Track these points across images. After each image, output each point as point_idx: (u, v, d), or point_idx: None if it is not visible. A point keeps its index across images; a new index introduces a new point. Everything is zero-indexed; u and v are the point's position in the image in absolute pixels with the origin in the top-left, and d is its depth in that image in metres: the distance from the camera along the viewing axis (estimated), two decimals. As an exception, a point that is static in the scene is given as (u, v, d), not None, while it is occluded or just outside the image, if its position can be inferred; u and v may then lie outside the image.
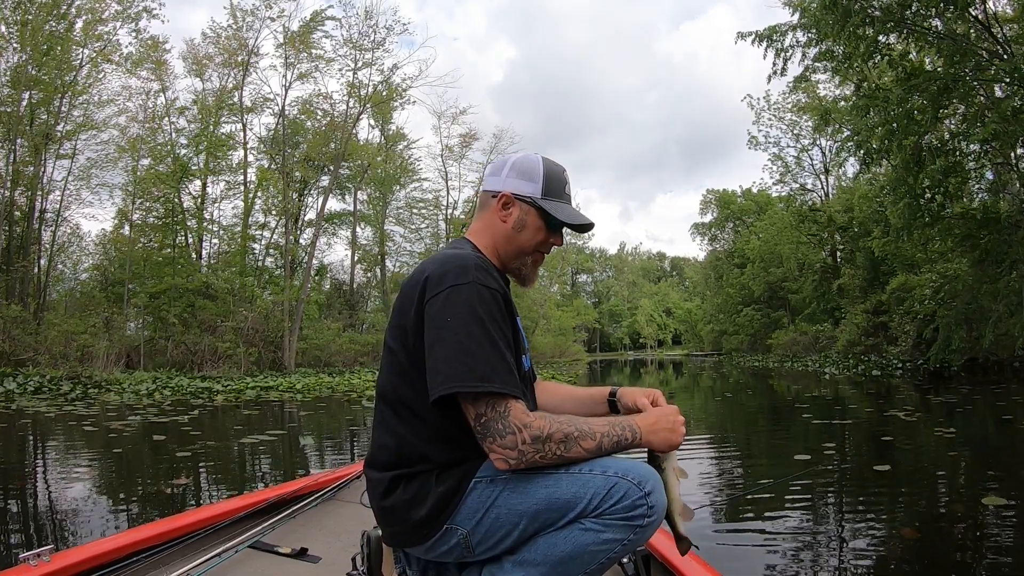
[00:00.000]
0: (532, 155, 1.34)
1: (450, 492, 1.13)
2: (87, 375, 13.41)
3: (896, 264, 21.48)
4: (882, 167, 19.25)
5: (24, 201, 19.80)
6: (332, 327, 23.91)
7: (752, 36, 14.03)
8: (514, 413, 1.08)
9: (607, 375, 24.25)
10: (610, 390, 1.41)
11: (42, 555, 1.51)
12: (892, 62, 12.76)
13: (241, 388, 13.18)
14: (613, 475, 1.10)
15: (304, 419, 8.51)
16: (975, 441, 5.76)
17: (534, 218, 1.31)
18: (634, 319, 75.65)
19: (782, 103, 32.77)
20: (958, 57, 11.93)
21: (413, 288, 1.18)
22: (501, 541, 1.13)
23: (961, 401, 9.08)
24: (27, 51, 18.85)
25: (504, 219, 1.32)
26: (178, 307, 19.13)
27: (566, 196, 1.35)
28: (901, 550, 2.75)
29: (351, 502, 2.26)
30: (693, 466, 4.64)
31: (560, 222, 1.32)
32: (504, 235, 1.32)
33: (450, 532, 1.14)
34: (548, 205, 1.31)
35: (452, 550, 1.15)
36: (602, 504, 1.08)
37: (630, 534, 1.09)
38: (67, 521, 3.23)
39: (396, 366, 1.19)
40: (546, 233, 1.33)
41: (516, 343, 1.20)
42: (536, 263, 1.37)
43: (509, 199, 1.31)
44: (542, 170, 1.32)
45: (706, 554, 1.77)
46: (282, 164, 23.34)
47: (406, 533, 1.17)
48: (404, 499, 1.15)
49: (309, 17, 23.01)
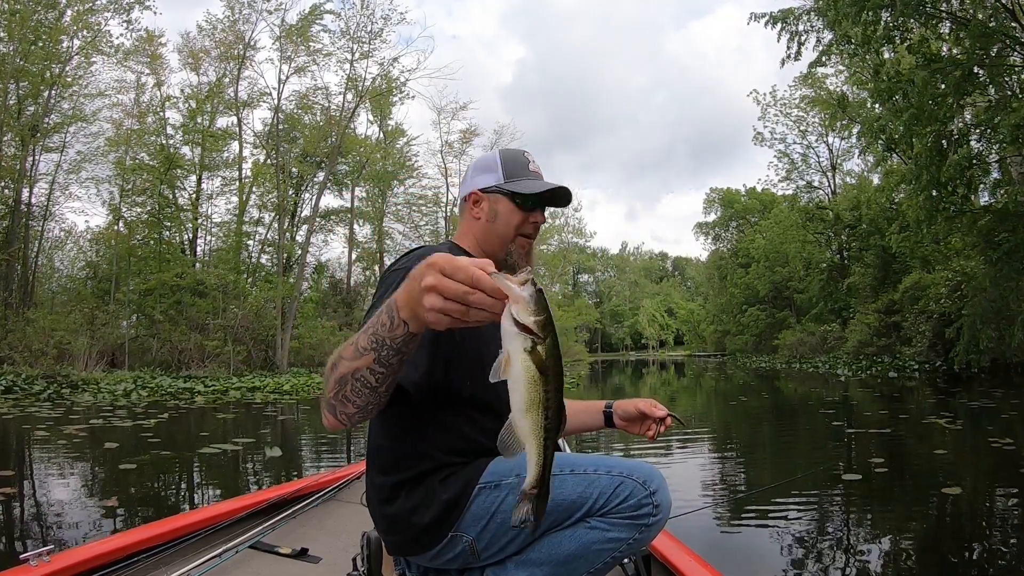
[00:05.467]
0: (489, 153, 1.37)
1: (454, 499, 1.11)
2: (64, 374, 12.76)
3: (912, 261, 20.79)
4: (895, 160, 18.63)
5: (10, 194, 19.24)
6: (326, 325, 23.25)
7: (766, 18, 13.39)
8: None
9: (609, 376, 23.63)
10: (605, 404, 1.44)
11: (42, 555, 1.49)
12: (912, 47, 12.20)
13: (224, 389, 12.50)
14: (618, 474, 1.10)
15: (282, 424, 7.85)
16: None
17: (505, 203, 1.30)
18: (636, 319, 75.07)
19: (788, 99, 32.21)
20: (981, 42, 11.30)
21: None
22: (507, 546, 1.12)
23: (1003, 406, 8.32)
24: (15, 41, 18.31)
25: (477, 216, 1.32)
26: (164, 304, 18.49)
27: (531, 173, 1.32)
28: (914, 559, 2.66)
29: (351, 502, 2.24)
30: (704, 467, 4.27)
31: (529, 196, 1.29)
32: (483, 230, 1.31)
33: (455, 540, 1.12)
34: (511, 185, 1.30)
35: (457, 557, 1.14)
36: (608, 503, 1.08)
37: (635, 533, 1.09)
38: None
39: None
40: (521, 214, 1.30)
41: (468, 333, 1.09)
42: (523, 248, 1.33)
43: (478, 195, 1.32)
44: (499, 159, 1.32)
45: (707, 554, 1.74)
46: (277, 159, 22.72)
47: (409, 542, 1.14)
48: (407, 507, 1.12)
49: (308, 11, 22.42)
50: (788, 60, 13.33)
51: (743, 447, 6.20)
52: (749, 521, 3.28)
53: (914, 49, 12.23)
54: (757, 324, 38.23)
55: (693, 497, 3.64)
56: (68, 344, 14.32)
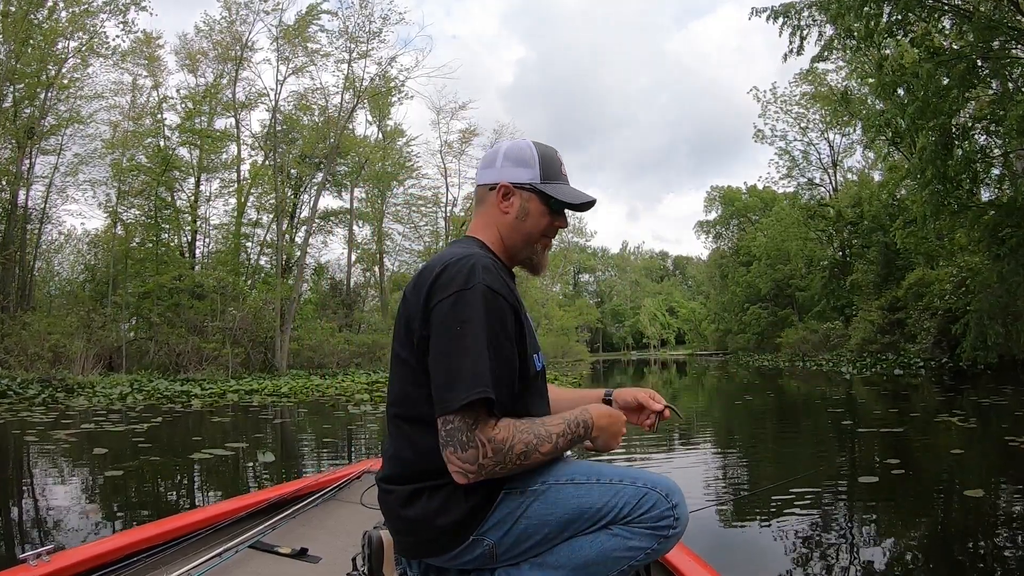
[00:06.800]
0: (523, 141, 1.32)
1: (479, 504, 1.11)
2: (59, 378, 12.61)
3: (916, 258, 20.61)
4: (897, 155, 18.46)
5: (6, 197, 19.10)
6: (325, 327, 23.07)
7: (768, 12, 13.22)
8: (481, 427, 1.05)
9: (610, 376, 23.48)
10: (604, 392, 1.44)
11: (42, 555, 1.49)
12: (915, 41, 12.05)
13: (222, 391, 12.34)
14: (643, 486, 1.12)
15: (280, 428, 7.69)
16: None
17: (536, 204, 1.28)
18: (637, 319, 74.83)
19: (789, 96, 32.06)
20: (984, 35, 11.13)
21: (418, 293, 1.14)
22: (528, 550, 1.13)
23: (1014, 403, 8.11)
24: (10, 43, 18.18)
25: (506, 210, 1.29)
26: (162, 306, 18.33)
27: (563, 176, 1.32)
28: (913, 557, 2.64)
29: (352, 502, 2.22)
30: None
31: (563, 203, 1.29)
32: (509, 226, 1.28)
33: (476, 544, 1.12)
34: (549, 188, 1.28)
35: (475, 560, 1.13)
36: (632, 512, 1.10)
37: (654, 543, 1.11)
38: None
39: (409, 377, 1.15)
40: (550, 217, 1.30)
41: (524, 342, 1.17)
42: (545, 248, 1.33)
43: (509, 189, 1.28)
44: (536, 154, 1.29)
45: (707, 554, 1.72)
46: (275, 160, 22.57)
47: (426, 543, 1.13)
48: (430, 509, 1.11)
49: (305, 11, 22.27)
50: (791, 55, 13.19)
51: (749, 447, 6.08)
52: (752, 522, 3.21)
53: (917, 42, 12.08)
54: (759, 322, 38.07)
55: (696, 497, 3.56)
56: (64, 347, 14.17)
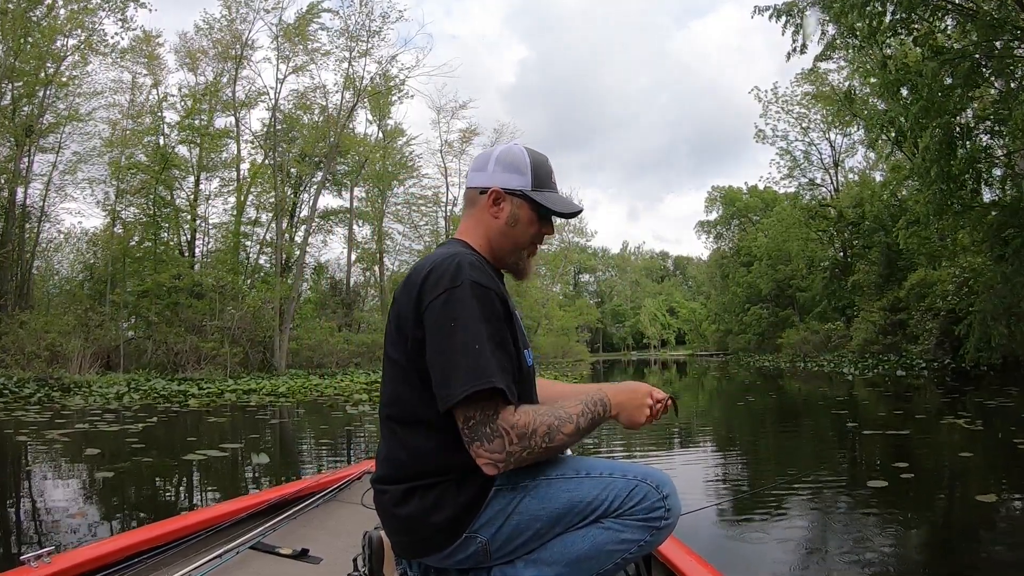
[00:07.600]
0: (515, 146, 1.31)
1: (471, 501, 1.11)
2: (56, 377, 12.53)
3: (918, 258, 20.50)
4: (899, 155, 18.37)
5: (4, 195, 19.00)
6: (324, 326, 22.98)
7: (770, 11, 13.12)
8: (503, 416, 1.07)
9: (611, 376, 23.37)
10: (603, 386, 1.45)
11: (42, 556, 1.49)
12: (918, 39, 11.97)
13: (220, 391, 12.25)
14: (633, 478, 1.13)
15: (277, 428, 7.60)
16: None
17: (527, 211, 1.28)
18: (637, 319, 74.72)
19: (790, 95, 31.96)
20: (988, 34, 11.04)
21: (408, 294, 1.15)
22: (521, 547, 1.13)
23: (1020, 405, 7.99)
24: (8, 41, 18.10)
25: (496, 215, 1.28)
26: (160, 305, 18.23)
27: (553, 184, 1.32)
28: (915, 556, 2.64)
29: (352, 503, 2.23)
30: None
31: (553, 212, 1.29)
32: (498, 231, 1.28)
33: (469, 541, 1.12)
34: (540, 196, 1.28)
35: (469, 558, 1.13)
36: (623, 505, 1.11)
37: (647, 535, 1.11)
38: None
39: (402, 377, 1.16)
40: (539, 225, 1.30)
41: (516, 338, 1.18)
42: (531, 255, 1.34)
43: (500, 194, 1.28)
44: (528, 161, 1.29)
45: (708, 554, 1.70)
46: (275, 159, 22.48)
47: (420, 542, 1.13)
48: (423, 507, 1.12)
49: (305, 9, 22.18)
50: (794, 54, 13.08)
51: (751, 447, 6.00)
52: (753, 521, 3.19)
53: (920, 41, 12.00)
54: (760, 323, 37.95)
55: (697, 496, 3.56)
56: (60, 346, 14.09)
